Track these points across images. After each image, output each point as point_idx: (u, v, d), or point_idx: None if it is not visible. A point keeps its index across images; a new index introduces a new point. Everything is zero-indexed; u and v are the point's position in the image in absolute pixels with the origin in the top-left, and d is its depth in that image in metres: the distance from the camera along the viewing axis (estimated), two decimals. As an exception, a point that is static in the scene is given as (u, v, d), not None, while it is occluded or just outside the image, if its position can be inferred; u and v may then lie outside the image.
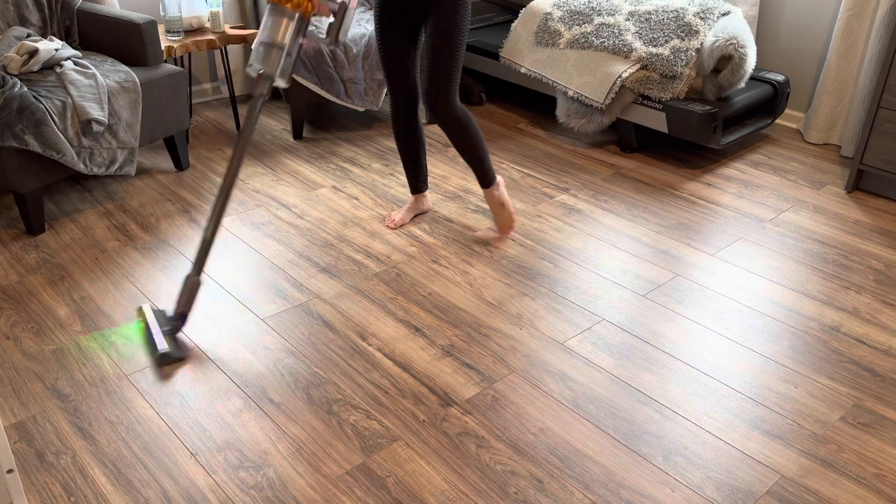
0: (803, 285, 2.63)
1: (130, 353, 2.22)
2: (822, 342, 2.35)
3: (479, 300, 2.51)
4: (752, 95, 3.55)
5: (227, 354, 2.24)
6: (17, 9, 3.11)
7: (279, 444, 1.92)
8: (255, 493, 1.79)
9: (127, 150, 2.95)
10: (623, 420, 2.02)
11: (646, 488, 1.82)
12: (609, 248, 2.83)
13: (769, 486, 1.83)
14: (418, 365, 2.21)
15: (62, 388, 2.09)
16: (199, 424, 1.98)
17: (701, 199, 3.22)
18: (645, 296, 2.55)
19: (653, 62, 3.40)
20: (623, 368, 2.21)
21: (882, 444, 1.97)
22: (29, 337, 2.29)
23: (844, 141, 3.61)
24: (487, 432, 1.97)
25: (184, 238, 2.83)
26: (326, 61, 3.44)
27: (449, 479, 1.83)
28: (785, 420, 2.03)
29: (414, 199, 3.00)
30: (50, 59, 2.85)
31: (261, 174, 3.35)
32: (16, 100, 2.61)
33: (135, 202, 3.09)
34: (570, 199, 3.19)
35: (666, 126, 3.42)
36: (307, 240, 2.84)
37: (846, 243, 2.90)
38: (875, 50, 3.43)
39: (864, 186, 3.32)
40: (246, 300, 2.48)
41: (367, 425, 1.99)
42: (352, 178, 3.34)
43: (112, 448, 1.90)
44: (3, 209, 3.01)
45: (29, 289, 2.52)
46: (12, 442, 1.91)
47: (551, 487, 1.81)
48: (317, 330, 2.35)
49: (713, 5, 3.46)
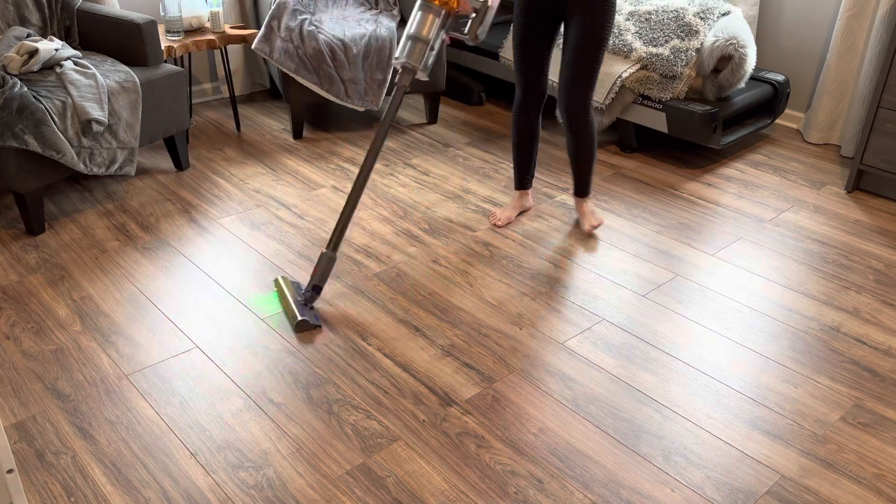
0: (803, 285, 2.63)
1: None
2: (822, 342, 2.35)
3: (479, 300, 2.51)
4: (752, 95, 3.55)
5: (227, 354, 2.24)
6: (17, 9, 3.11)
7: (279, 444, 1.92)
8: (255, 493, 1.79)
9: (127, 150, 2.95)
10: (623, 420, 2.02)
11: (646, 488, 1.82)
12: (609, 248, 2.83)
13: (769, 486, 1.83)
14: (418, 365, 2.21)
15: (62, 388, 2.09)
16: (199, 424, 1.98)
17: (701, 199, 3.22)
18: (645, 296, 2.55)
19: (653, 62, 3.40)
20: (623, 368, 2.21)
21: (882, 444, 1.97)
22: (29, 337, 2.29)
23: (844, 141, 3.61)
24: (487, 432, 1.97)
25: (184, 238, 2.83)
26: (326, 61, 3.43)
27: (449, 479, 1.83)
28: (785, 420, 2.03)
29: (518, 196, 3.01)
30: (50, 59, 2.85)
31: (261, 174, 3.35)
32: (16, 100, 2.61)
33: (135, 202, 3.09)
34: (570, 199, 3.19)
35: (666, 126, 3.42)
36: (307, 240, 2.84)
37: (846, 243, 2.90)
38: (875, 50, 3.43)
39: (864, 186, 3.32)
40: (246, 300, 2.48)
41: (367, 425, 1.99)
42: (352, 178, 3.34)
43: (112, 448, 1.90)
44: (3, 209, 3.01)
45: (29, 289, 2.52)
46: (12, 442, 1.91)
47: (551, 487, 1.81)
48: (317, 330, 2.35)
49: (713, 5, 3.46)
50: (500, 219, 2.95)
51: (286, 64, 3.48)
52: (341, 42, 3.45)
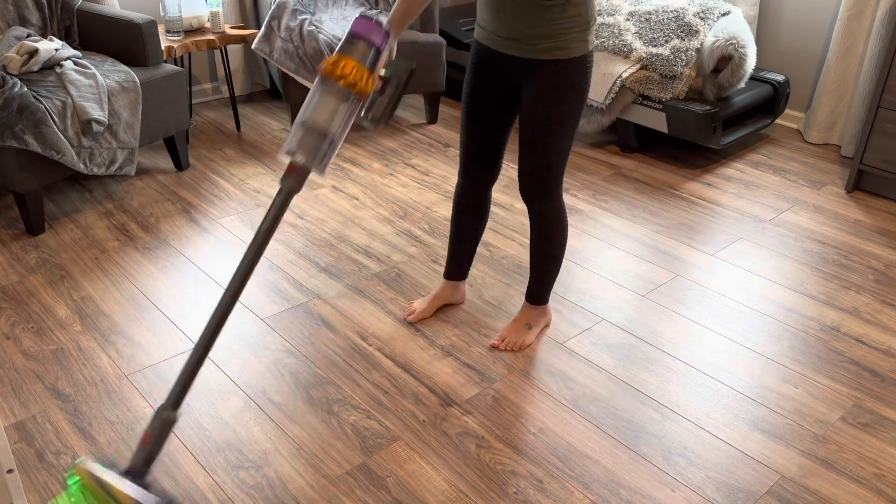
0: (803, 285, 2.63)
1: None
2: (822, 342, 2.35)
3: (479, 300, 2.51)
4: (752, 95, 3.55)
5: (227, 354, 2.24)
6: (17, 9, 3.11)
7: (279, 444, 1.92)
8: (255, 493, 1.78)
9: (127, 150, 2.94)
10: (623, 420, 2.02)
11: (646, 488, 1.82)
12: (609, 248, 2.83)
13: (769, 486, 1.83)
14: (418, 365, 2.21)
15: (62, 388, 2.09)
16: (199, 424, 1.98)
17: (701, 199, 3.22)
18: (645, 296, 2.55)
19: (653, 62, 3.40)
20: (623, 368, 2.21)
21: (882, 444, 1.96)
22: (29, 337, 2.29)
23: (844, 141, 3.61)
24: (487, 432, 1.97)
25: (184, 238, 2.83)
26: (326, 61, 3.43)
27: (449, 479, 1.83)
28: (785, 420, 2.03)
29: (445, 286, 2.42)
30: (50, 59, 2.85)
31: (261, 174, 3.35)
32: (16, 100, 2.61)
33: (135, 202, 3.09)
34: (570, 199, 3.19)
35: (666, 126, 3.42)
36: (307, 240, 2.84)
37: (846, 243, 2.90)
38: (875, 50, 3.43)
39: (864, 186, 3.32)
40: (246, 300, 2.48)
41: (367, 425, 1.99)
42: (352, 178, 3.34)
43: (112, 448, 1.90)
44: (3, 209, 3.01)
45: (29, 289, 2.52)
46: (12, 442, 1.91)
47: (551, 487, 1.81)
48: (317, 330, 2.35)
49: (713, 5, 3.46)
50: (413, 312, 2.38)
51: (286, 64, 3.48)
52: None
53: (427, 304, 2.40)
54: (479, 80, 2.03)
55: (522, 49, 1.89)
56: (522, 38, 1.88)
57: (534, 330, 2.30)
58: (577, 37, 1.87)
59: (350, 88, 1.65)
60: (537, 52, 1.88)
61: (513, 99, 2.04)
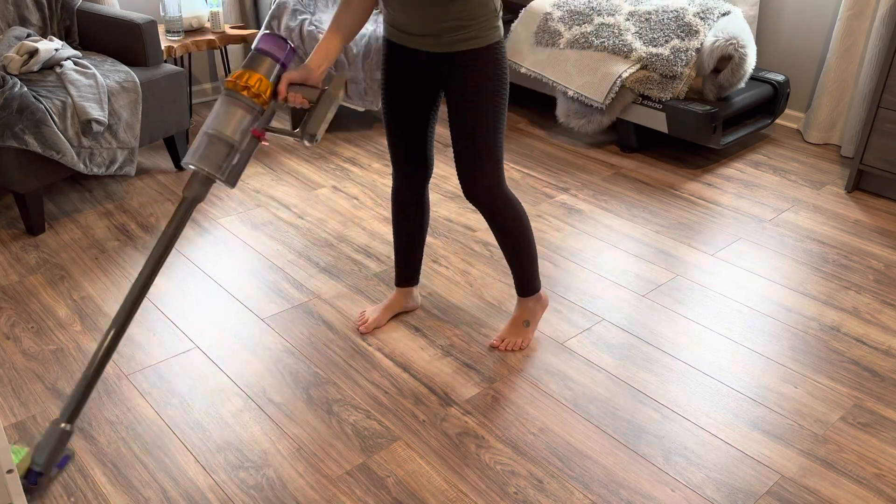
0: (803, 285, 2.63)
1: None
2: (822, 342, 2.35)
3: (479, 300, 2.51)
4: (752, 95, 3.55)
5: (227, 354, 2.24)
6: (17, 9, 3.11)
7: (279, 444, 1.92)
8: (255, 493, 1.79)
9: (127, 150, 2.94)
10: (623, 420, 2.02)
11: (646, 488, 1.82)
12: (609, 248, 2.83)
13: (769, 486, 1.83)
14: (418, 365, 2.21)
15: (62, 388, 2.09)
16: (199, 424, 1.98)
17: (701, 199, 3.22)
18: (645, 296, 2.55)
19: (653, 62, 3.40)
20: (623, 368, 2.21)
21: (882, 444, 1.96)
22: (29, 337, 2.29)
23: (844, 141, 3.61)
24: (487, 432, 1.97)
25: (184, 238, 2.83)
26: (326, 61, 3.43)
27: (449, 479, 1.83)
28: (785, 420, 2.03)
29: (397, 294, 2.39)
30: (50, 59, 2.85)
31: (261, 174, 3.35)
32: (16, 100, 2.61)
33: (135, 202, 3.09)
34: (570, 199, 3.19)
35: (666, 126, 3.42)
36: (307, 240, 2.84)
37: (846, 243, 2.90)
38: (875, 50, 3.43)
39: (864, 186, 3.32)
40: (246, 300, 2.48)
41: (367, 425, 1.99)
42: (352, 178, 3.34)
43: (112, 448, 1.90)
44: (3, 209, 3.01)
45: (29, 289, 2.52)
46: (12, 442, 1.91)
47: (551, 487, 1.81)
48: (317, 330, 2.35)
49: (713, 5, 3.46)
50: (366, 323, 2.33)
51: (286, 64, 3.47)
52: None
53: (380, 314, 2.36)
54: (395, 79, 2.02)
55: (439, 43, 1.90)
56: (437, 33, 1.88)
57: (532, 326, 2.30)
58: (488, 24, 1.89)
59: (254, 99, 1.76)
60: (455, 45, 1.89)
61: (432, 94, 2.04)
